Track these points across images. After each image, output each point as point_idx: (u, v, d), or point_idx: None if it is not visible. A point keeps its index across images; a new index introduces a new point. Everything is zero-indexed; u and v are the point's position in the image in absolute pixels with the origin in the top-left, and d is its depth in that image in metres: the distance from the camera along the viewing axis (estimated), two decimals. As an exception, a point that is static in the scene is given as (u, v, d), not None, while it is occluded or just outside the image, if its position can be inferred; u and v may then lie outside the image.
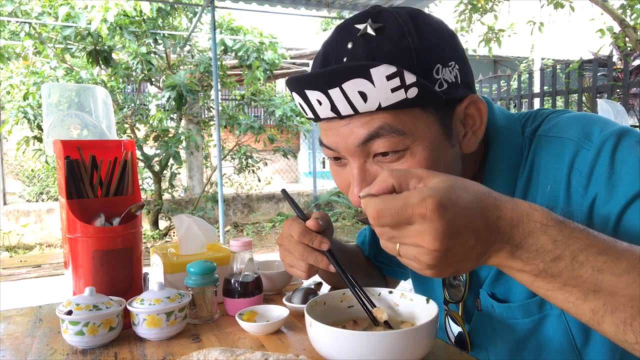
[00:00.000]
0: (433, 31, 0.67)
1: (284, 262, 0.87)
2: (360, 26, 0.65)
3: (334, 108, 0.65)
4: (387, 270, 1.10)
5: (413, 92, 0.62)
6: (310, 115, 0.69)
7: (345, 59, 0.65)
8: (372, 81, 0.61)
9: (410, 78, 0.61)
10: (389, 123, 0.64)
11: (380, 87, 0.62)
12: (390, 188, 0.54)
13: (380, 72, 0.61)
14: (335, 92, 0.63)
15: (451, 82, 0.67)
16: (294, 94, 0.69)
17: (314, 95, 0.65)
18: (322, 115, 0.68)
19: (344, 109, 0.64)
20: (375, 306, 0.76)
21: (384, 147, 0.66)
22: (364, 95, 0.62)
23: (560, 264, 0.52)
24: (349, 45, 0.65)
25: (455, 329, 0.88)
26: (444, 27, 0.70)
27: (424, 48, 0.64)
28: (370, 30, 0.65)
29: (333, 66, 0.64)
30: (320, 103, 0.66)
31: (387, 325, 0.74)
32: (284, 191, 0.91)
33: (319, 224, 0.81)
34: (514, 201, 0.54)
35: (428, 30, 0.66)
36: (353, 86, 0.62)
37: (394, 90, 0.62)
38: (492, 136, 0.78)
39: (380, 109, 0.63)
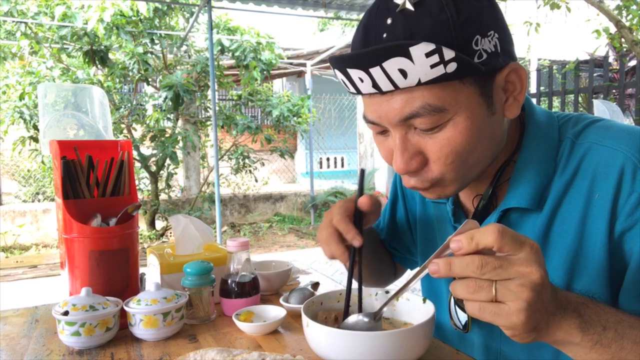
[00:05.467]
0: (471, 1, 0.67)
1: (319, 234, 0.84)
2: (399, 1, 0.66)
3: (375, 85, 0.67)
4: (398, 257, 1.11)
5: (452, 67, 0.63)
6: (353, 90, 0.71)
7: (384, 35, 0.66)
8: (411, 59, 0.63)
9: (449, 54, 0.62)
10: (428, 102, 0.66)
11: (419, 64, 0.63)
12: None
13: (419, 49, 0.62)
14: (375, 71, 0.65)
15: (491, 52, 0.67)
16: (336, 71, 0.71)
17: (355, 73, 0.67)
18: (363, 91, 0.70)
19: (385, 86, 0.66)
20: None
21: (424, 125, 0.68)
22: (403, 73, 0.64)
23: (609, 334, 0.58)
24: (388, 21, 0.66)
25: (462, 317, 0.87)
26: None
27: (462, 20, 0.65)
28: (408, 5, 0.65)
29: (373, 46, 0.65)
30: (361, 80, 0.68)
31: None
32: (362, 171, 0.86)
33: (370, 203, 0.80)
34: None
35: (466, 1, 0.66)
36: (393, 64, 0.64)
37: (433, 66, 0.63)
38: (530, 128, 0.80)
39: (420, 84, 0.65)
